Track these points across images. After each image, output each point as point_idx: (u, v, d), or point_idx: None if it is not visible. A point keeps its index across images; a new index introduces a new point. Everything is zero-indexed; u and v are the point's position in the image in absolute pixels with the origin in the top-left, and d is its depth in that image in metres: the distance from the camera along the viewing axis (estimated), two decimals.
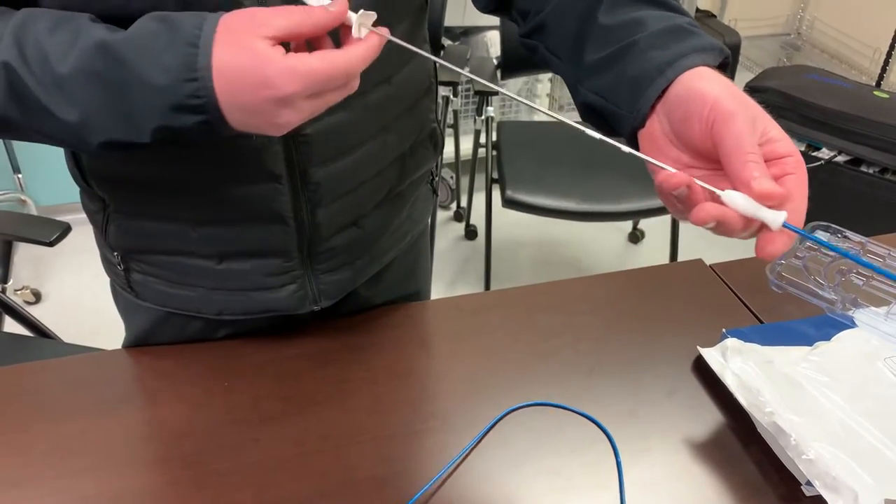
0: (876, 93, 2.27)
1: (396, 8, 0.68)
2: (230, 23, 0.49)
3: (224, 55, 0.48)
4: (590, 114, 0.59)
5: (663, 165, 0.49)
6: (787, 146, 0.49)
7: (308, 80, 0.48)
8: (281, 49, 0.48)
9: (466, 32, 2.46)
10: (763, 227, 0.47)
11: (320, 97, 0.50)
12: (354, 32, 0.53)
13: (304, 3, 0.51)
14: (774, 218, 0.45)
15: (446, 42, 2.30)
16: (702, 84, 0.50)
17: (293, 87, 0.48)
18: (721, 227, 0.47)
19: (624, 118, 0.54)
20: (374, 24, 0.52)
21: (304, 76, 0.48)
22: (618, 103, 0.55)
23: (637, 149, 0.53)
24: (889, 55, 2.62)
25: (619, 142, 0.51)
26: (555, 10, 0.61)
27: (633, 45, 0.54)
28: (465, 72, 0.56)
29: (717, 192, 0.47)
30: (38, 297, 2.14)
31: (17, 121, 0.54)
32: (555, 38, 0.62)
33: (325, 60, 0.48)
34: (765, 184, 0.45)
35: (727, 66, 0.54)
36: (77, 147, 0.56)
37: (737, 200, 0.46)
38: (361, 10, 0.52)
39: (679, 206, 0.50)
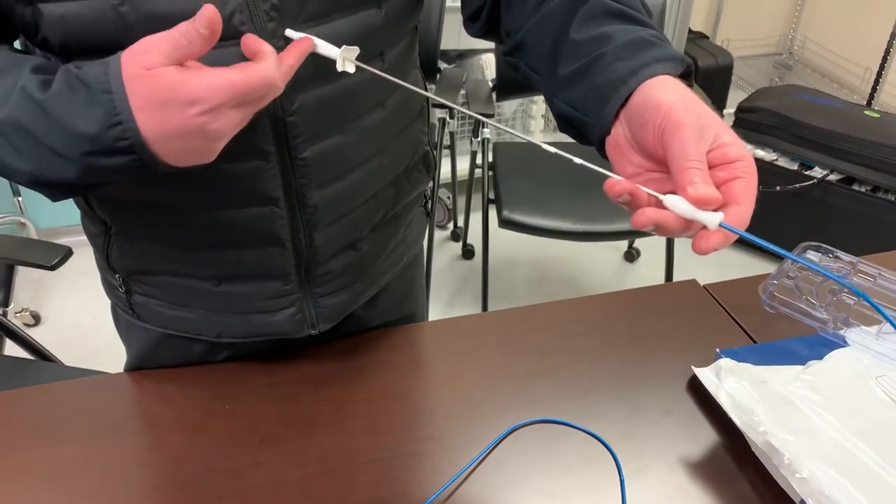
0: (867, 112, 2.30)
1: (388, 34, 0.69)
2: (129, 62, 0.50)
3: (142, 91, 0.50)
4: (564, 124, 0.62)
5: (609, 173, 0.52)
6: (738, 150, 0.51)
7: (229, 92, 0.50)
8: (191, 69, 0.50)
9: (462, 56, 2.49)
10: (703, 226, 0.49)
11: (243, 107, 0.52)
12: (339, 67, 0.55)
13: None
14: (711, 219, 0.48)
15: (442, 65, 2.33)
16: (658, 93, 0.52)
17: (218, 99, 0.49)
18: (661, 230, 0.50)
19: (592, 126, 0.57)
20: (359, 58, 0.55)
21: (225, 88, 0.49)
22: (586, 112, 0.58)
23: (605, 155, 0.57)
24: (879, 75, 2.65)
25: (573, 153, 0.54)
26: (531, 29, 0.64)
27: (601, 57, 0.57)
28: (446, 101, 0.58)
29: (659, 196, 0.50)
30: (37, 319, 2.14)
31: None
32: (532, 54, 0.64)
33: (244, 73, 0.50)
34: (700, 189, 0.48)
35: (690, 76, 0.57)
36: (27, 186, 0.58)
37: (676, 204, 0.49)
38: (344, 46, 0.55)
39: (626, 208, 0.53)
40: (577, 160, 0.53)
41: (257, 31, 0.58)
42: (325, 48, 0.57)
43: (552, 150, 0.55)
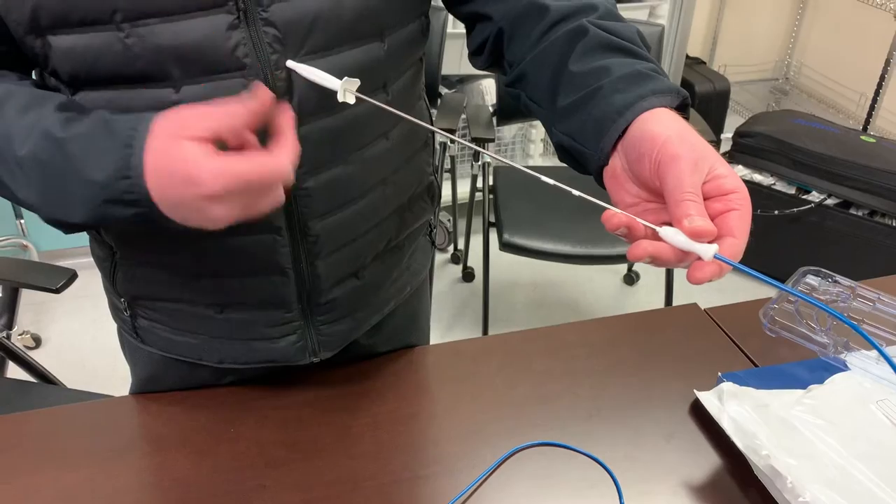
0: (863, 137, 2.32)
1: (391, 66, 0.71)
2: (162, 125, 0.52)
3: (156, 155, 0.52)
4: (563, 154, 0.63)
5: (607, 205, 0.53)
6: (733, 182, 0.52)
7: (232, 182, 0.51)
8: (210, 149, 0.51)
9: (462, 80, 2.52)
10: (698, 256, 0.50)
11: (253, 196, 0.53)
12: (340, 98, 0.57)
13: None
14: (706, 251, 0.49)
15: (443, 90, 2.35)
16: (654, 126, 0.53)
17: (218, 187, 0.51)
18: (657, 262, 0.51)
19: (590, 157, 0.58)
20: (360, 89, 0.56)
21: (230, 177, 0.51)
22: (585, 143, 0.59)
23: (602, 185, 0.58)
24: (875, 100, 2.68)
25: (573, 187, 0.55)
26: (532, 61, 0.65)
27: (599, 89, 0.58)
28: (443, 132, 0.59)
29: (656, 228, 0.51)
30: (38, 342, 2.14)
31: None
32: (533, 85, 0.66)
33: (252, 163, 0.52)
34: (696, 221, 0.49)
35: (687, 107, 0.58)
36: (40, 216, 0.60)
37: (672, 237, 0.50)
38: (346, 77, 0.56)
39: (625, 240, 0.54)
40: (576, 193, 0.54)
41: (260, 63, 0.60)
42: (327, 80, 0.58)
43: (550, 181, 0.56)
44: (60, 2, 0.55)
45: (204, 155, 0.51)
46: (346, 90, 0.57)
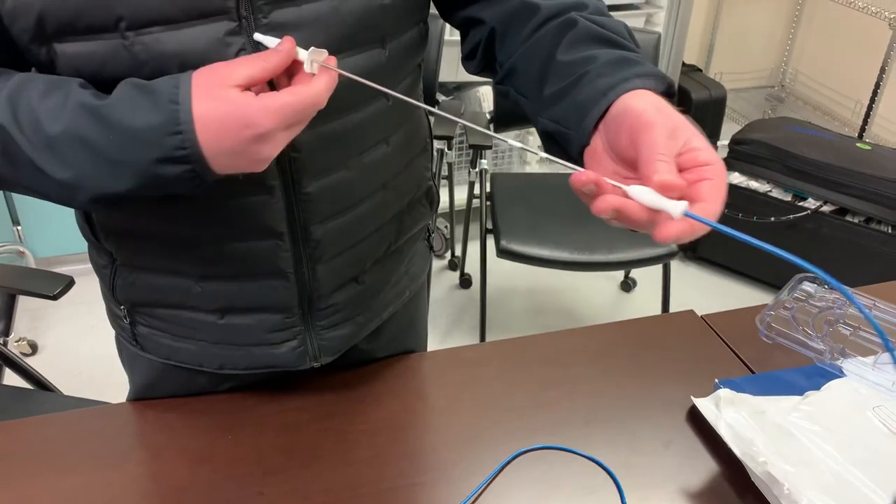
0: (858, 144, 2.33)
1: (392, 72, 0.71)
2: (201, 79, 0.54)
3: (204, 107, 0.53)
4: (548, 140, 0.64)
5: (573, 167, 0.52)
6: (708, 155, 0.52)
7: (284, 114, 0.53)
8: (250, 93, 0.54)
9: (460, 87, 2.53)
10: (666, 216, 0.49)
11: (292, 128, 0.55)
12: (307, 68, 0.57)
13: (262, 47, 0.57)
14: (674, 208, 0.48)
15: (440, 97, 2.36)
16: (633, 101, 0.54)
17: (272, 123, 0.53)
18: (623, 218, 0.50)
19: (572, 138, 0.59)
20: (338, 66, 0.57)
21: (279, 111, 0.53)
22: (568, 126, 0.59)
23: (582, 166, 0.57)
24: (870, 108, 2.69)
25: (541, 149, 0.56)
26: (522, 55, 0.66)
27: (585, 74, 0.59)
28: (462, 120, 0.59)
29: (623, 187, 0.50)
30: (34, 348, 2.13)
31: (11, 179, 0.58)
32: (521, 79, 0.67)
33: (296, 95, 0.54)
34: (665, 175, 0.49)
35: (672, 95, 0.58)
36: (68, 203, 0.60)
37: (640, 194, 0.49)
38: (312, 48, 0.57)
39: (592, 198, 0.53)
40: (542, 154, 0.56)
41: None
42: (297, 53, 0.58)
43: (517, 144, 0.57)
44: (66, 10, 0.56)
45: (251, 98, 0.53)
46: (314, 61, 0.57)
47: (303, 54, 0.57)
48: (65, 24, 0.56)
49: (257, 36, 0.59)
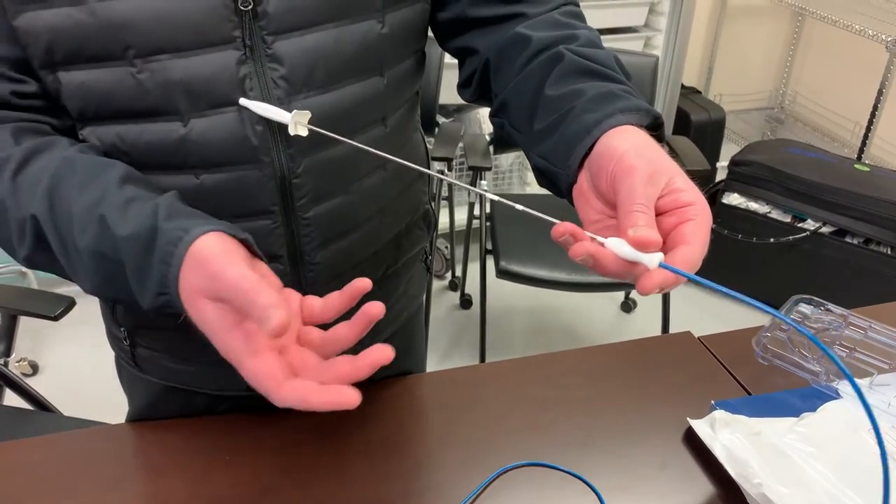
0: (857, 166, 2.35)
1: (390, 100, 0.72)
2: (189, 277, 0.52)
3: (183, 294, 0.52)
4: (539, 176, 0.64)
5: (551, 219, 0.52)
6: (690, 195, 0.51)
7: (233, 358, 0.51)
8: (226, 311, 0.50)
9: (460, 110, 2.55)
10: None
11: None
12: (291, 130, 0.58)
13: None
14: (650, 260, 0.48)
15: (441, 119, 2.38)
16: (615, 141, 0.54)
17: (228, 357, 0.51)
18: (599, 267, 0.50)
19: (560, 175, 0.59)
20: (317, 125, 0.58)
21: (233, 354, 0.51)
22: (556, 163, 0.59)
23: (571, 203, 0.58)
24: (868, 129, 2.71)
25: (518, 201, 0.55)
26: (513, 88, 0.67)
27: (571, 110, 0.59)
28: (452, 178, 0.60)
29: (600, 239, 0.50)
30: (35, 369, 2.14)
31: (43, 264, 0.61)
32: (514, 112, 0.67)
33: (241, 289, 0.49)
34: (641, 231, 0.48)
35: (660, 127, 0.58)
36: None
37: (617, 247, 0.49)
38: (295, 111, 0.58)
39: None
40: (519, 207, 0.55)
41: (263, 98, 0.62)
42: (278, 115, 0.59)
43: (495, 197, 0.57)
44: (74, 38, 0.57)
45: (217, 321, 0.51)
46: (298, 123, 0.58)
47: (286, 116, 0.58)
48: (73, 52, 0.58)
49: (243, 101, 0.61)
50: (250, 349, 0.50)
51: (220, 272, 0.49)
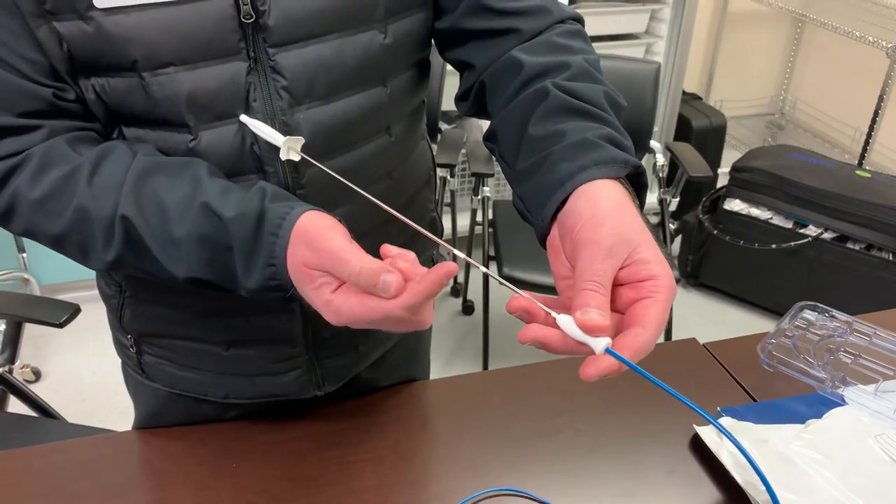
0: (858, 172, 2.35)
1: (394, 110, 0.72)
2: (296, 248, 0.55)
3: (292, 271, 0.55)
4: (519, 215, 0.63)
5: (515, 290, 0.50)
6: (651, 269, 0.49)
7: (345, 319, 0.53)
8: (333, 287, 0.54)
9: (462, 116, 2.55)
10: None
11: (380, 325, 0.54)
12: (283, 155, 0.58)
13: None
14: (596, 344, 0.47)
15: (443, 126, 2.38)
16: (581, 203, 0.52)
17: (341, 323, 0.54)
18: (545, 348, 0.49)
19: (535, 225, 0.58)
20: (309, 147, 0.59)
21: (342, 315, 0.53)
22: (531, 210, 0.58)
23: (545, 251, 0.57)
24: (869, 135, 2.71)
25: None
26: (501, 120, 0.65)
27: (549, 155, 0.57)
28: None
29: (554, 315, 0.48)
30: (37, 375, 2.14)
31: (130, 264, 0.60)
32: (502, 145, 0.66)
33: (366, 306, 0.52)
34: (590, 314, 0.46)
35: (641, 175, 0.56)
36: (166, 282, 0.62)
37: (568, 325, 0.47)
38: (288, 136, 0.58)
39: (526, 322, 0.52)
40: (497, 278, 0.54)
41: (267, 109, 0.63)
42: (272, 137, 0.59)
43: (498, 279, 0.56)
44: (88, 51, 0.58)
45: (326, 302, 0.54)
46: (290, 148, 0.58)
47: (279, 140, 0.58)
48: (89, 64, 0.59)
49: (243, 118, 0.61)
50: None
51: (325, 245, 0.53)
